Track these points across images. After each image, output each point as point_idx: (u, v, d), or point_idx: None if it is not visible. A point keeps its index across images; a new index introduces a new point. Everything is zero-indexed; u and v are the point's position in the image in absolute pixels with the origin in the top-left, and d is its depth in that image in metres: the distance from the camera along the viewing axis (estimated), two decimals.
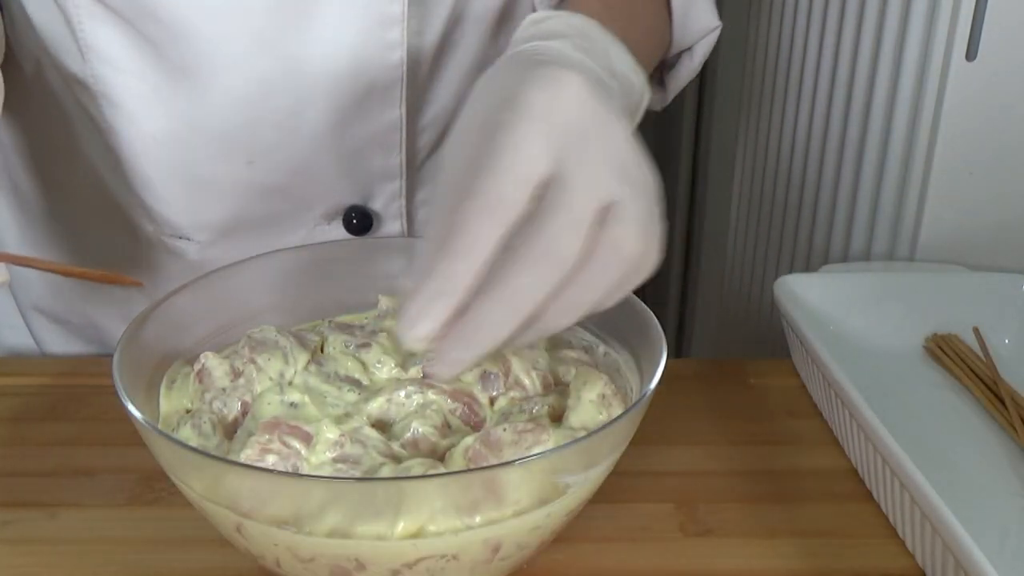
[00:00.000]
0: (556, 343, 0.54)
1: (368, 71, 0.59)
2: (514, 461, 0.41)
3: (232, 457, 0.43)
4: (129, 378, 0.45)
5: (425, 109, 0.65)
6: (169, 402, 0.49)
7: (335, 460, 0.43)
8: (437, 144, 0.67)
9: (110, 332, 0.72)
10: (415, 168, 0.66)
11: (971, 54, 0.74)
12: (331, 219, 0.65)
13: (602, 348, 0.53)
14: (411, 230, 0.68)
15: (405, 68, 0.60)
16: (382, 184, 0.65)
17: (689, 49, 0.64)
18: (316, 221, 0.65)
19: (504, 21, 0.65)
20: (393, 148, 0.63)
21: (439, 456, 0.45)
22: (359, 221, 0.65)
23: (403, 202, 0.66)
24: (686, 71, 0.65)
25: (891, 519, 0.53)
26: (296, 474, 0.42)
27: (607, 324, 0.53)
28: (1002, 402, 0.61)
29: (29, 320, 0.74)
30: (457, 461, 0.44)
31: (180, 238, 0.65)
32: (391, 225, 0.66)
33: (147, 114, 0.60)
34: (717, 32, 0.63)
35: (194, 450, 0.42)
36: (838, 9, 0.90)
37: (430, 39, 0.61)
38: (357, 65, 0.58)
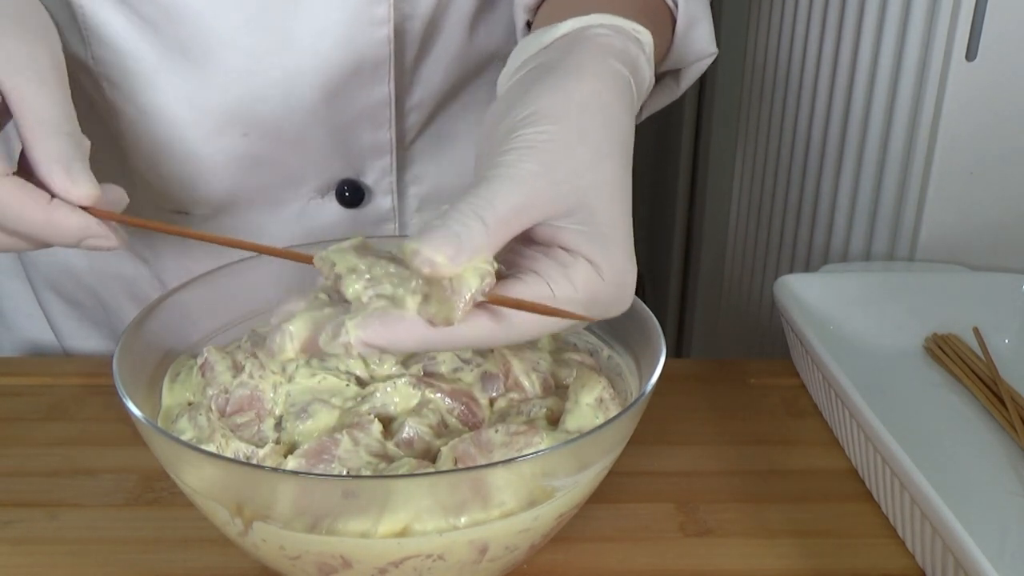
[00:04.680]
0: (560, 345, 0.54)
1: (357, 47, 0.61)
2: (499, 463, 0.41)
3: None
4: (129, 375, 0.46)
5: (413, 91, 0.67)
6: (172, 395, 0.50)
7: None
8: (425, 125, 0.69)
9: (118, 314, 0.73)
10: (404, 146, 0.68)
11: (971, 54, 0.74)
12: (324, 193, 0.67)
13: (606, 351, 0.53)
14: (401, 205, 0.70)
15: (392, 45, 0.62)
16: (373, 159, 0.67)
17: (675, 73, 0.62)
18: (310, 195, 0.67)
19: (483, 11, 0.67)
20: (383, 124, 0.65)
21: (432, 456, 0.45)
22: (351, 195, 0.67)
23: (394, 178, 0.68)
24: (667, 95, 0.64)
25: (891, 519, 0.53)
26: (280, 470, 0.43)
27: (610, 327, 0.53)
28: (1002, 402, 0.61)
29: (44, 303, 0.75)
30: (447, 461, 0.44)
31: (179, 212, 0.67)
32: (382, 200, 0.68)
33: (146, 93, 0.62)
34: (710, 60, 0.61)
35: (182, 443, 0.42)
36: (838, 9, 0.90)
37: (418, 22, 0.63)
38: (346, 41, 0.60)
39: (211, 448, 0.44)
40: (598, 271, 0.40)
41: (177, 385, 0.50)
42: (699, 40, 0.59)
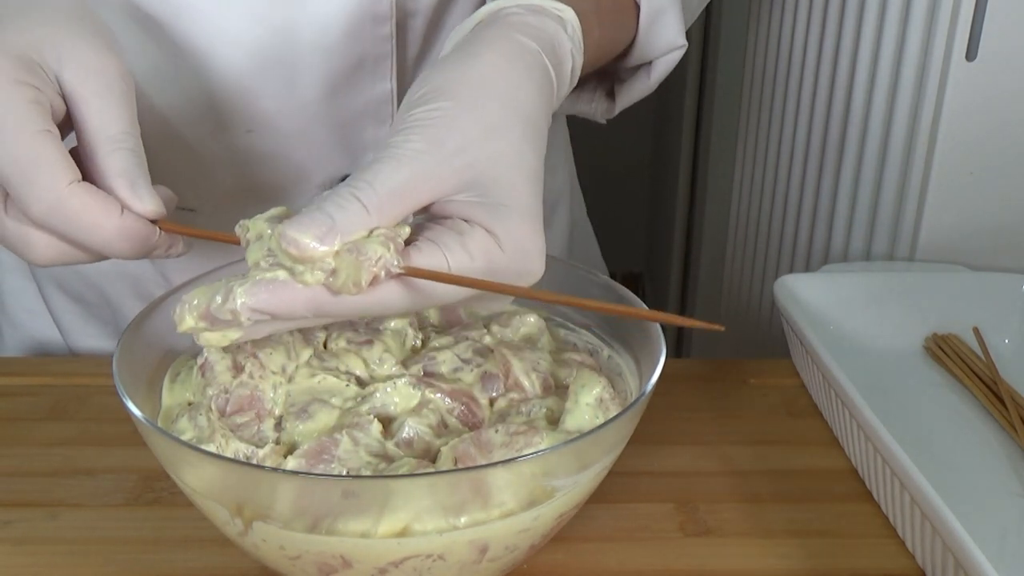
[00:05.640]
0: (560, 345, 0.54)
1: (359, 43, 0.61)
2: (499, 463, 0.41)
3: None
4: (129, 375, 0.46)
5: None
6: (172, 395, 0.50)
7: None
8: None
9: (123, 312, 0.73)
10: None
11: (971, 54, 0.74)
12: (327, 188, 0.67)
13: (606, 351, 0.53)
14: None
15: (394, 41, 0.62)
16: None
17: (648, 64, 0.62)
18: (314, 190, 0.67)
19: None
20: (384, 120, 0.65)
21: (432, 456, 0.45)
22: None
23: None
24: (641, 87, 0.63)
25: (891, 519, 0.53)
26: (281, 470, 0.43)
27: (610, 327, 0.53)
28: (1002, 402, 0.61)
29: (48, 300, 0.75)
30: (447, 461, 0.44)
31: (184, 209, 0.67)
32: None
33: (149, 89, 0.62)
34: (680, 52, 0.61)
35: (182, 443, 0.42)
36: (838, 9, 0.90)
37: (419, 19, 0.64)
38: (349, 38, 0.60)
39: (211, 448, 0.44)
40: (496, 240, 0.40)
41: (177, 385, 0.50)
42: (666, 32, 0.59)
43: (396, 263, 0.39)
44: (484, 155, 0.41)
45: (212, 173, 0.65)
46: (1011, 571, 0.49)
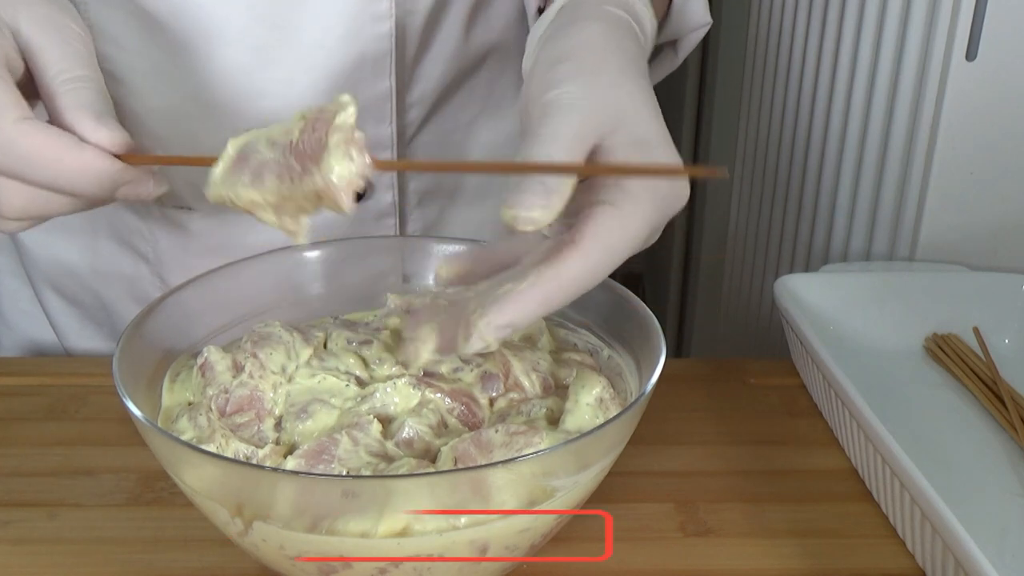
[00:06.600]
0: (560, 345, 0.54)
1: (359, 42, 0.62)
2: (499, 463, 0.41)
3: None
4: (129, 375, 0.46)
5: (413, 87, 0.67)
6: (172, 396, 0.50)
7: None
8: (425, 120, 0.70)
9: (119, 314, 0.73)
10: (405, 142, 0.69)
11: (971, 54, 0.74)
12: None
13: (606, 351, 0.53)
14: (402, 200, 0.71)
15: (394, 40, 0.63)
16: (374, 153, 0.66)
17: (673, 44, 0.65)
18: None
19: (481, 6, 0.68)
20: (384, 118, 0.66)
21: (432, 456, 0.45)
22: None
23: (395, 173, 0.69)
24: (668, 65, 0.66)
25: (891, 519, 0.53)
26: (281, 470, 0.43)
27: (610, 327, 0.53)
28: (1002, 402, 0.61)
29: (44, 302, 0.75)
30: (447, 461, 0.44)
31: (182, 208, 0.66)
32: (383, 195, 0.69)
33: (150, 89, 0.62)
34: (705, 30, 0.64)
35: (182, 443, 0.42)
36: (838, 9, 0.90)
37: (418, 17, 0.64)
38: (349, 36, 0.61)
39: (211, 448, 0.44)
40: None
41: (177, 385, 0.50)
42: (695, 10, 0.63)
43: (367, 163, 0.42)
44: (625, 94, 0.44)
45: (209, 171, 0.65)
46: (1011, 571, 0.49)
